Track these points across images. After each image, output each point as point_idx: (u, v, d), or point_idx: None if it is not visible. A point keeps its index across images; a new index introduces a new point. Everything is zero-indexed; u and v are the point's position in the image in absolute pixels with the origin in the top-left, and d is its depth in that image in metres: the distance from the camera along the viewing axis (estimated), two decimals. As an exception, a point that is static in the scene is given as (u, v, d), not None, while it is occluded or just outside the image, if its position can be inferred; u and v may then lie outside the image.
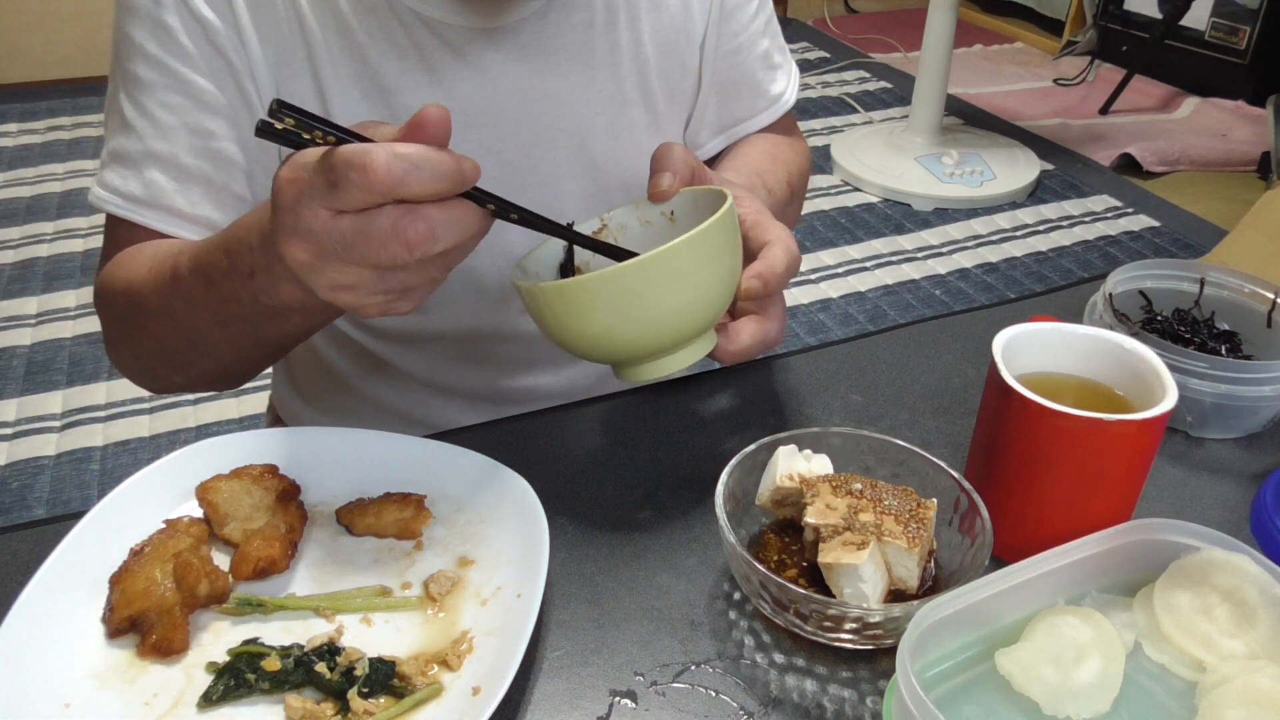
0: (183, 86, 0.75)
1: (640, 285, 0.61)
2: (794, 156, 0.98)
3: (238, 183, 0.78)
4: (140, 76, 0.75)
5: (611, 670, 0.59)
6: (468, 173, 0.53)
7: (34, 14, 3.50)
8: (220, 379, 0.80)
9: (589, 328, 0.63)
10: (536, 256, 0.72)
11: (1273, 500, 0.71)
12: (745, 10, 0.91)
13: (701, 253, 0.62)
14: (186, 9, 0.74)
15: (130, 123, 0.76)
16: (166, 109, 0.75)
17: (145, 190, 0.76)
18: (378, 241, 0.52)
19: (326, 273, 0.55)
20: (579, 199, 0.88)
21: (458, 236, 0.54)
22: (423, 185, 0.51)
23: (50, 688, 0.56)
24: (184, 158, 0.76)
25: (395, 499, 0.67)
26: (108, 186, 0.77)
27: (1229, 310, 0.86)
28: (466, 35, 0.79)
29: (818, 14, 4.56)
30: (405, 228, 0.51)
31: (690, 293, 0.63)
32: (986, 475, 0.66)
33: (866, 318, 2.46)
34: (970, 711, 0.54)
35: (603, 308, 0.62)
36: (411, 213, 0.52)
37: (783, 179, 0.92)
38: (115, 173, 0.77)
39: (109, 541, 0.63)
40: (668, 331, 0.65)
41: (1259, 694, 0.52)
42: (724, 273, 0.65)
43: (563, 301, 0.63)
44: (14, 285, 2.48)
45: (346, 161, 0.50)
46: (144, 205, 0.77)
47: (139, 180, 0.76)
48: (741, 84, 0.94)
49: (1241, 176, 3.16)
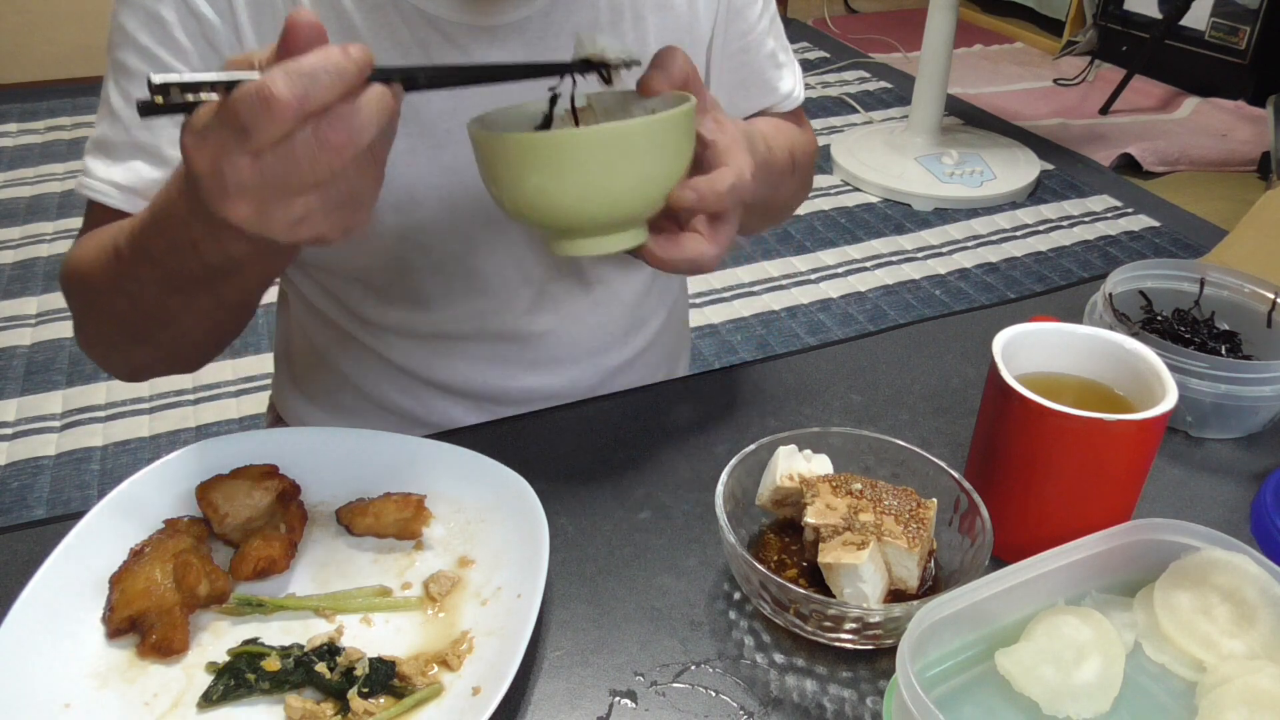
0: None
1: (574, 154, 0.62)
2: (800, 136, 0.98)
3: None
4: (130, 66, 0.76)
5: (611, 670, 0.59)
6: (360, 59, 0.52)
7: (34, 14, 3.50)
8: (189, 352, 0.80)
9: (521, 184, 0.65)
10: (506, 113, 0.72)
11: (1273, 500, 0.71)
12: (752, 9, 0.91)
13: (645, 140, 0.63)
14: (184, 4, 0.74)
15: (117, 111, 0.77)
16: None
17: (127, 178, 0.77)
18: (307, 162, 0.51)
19: (275, 216, 0.54)
20: None
21: (378, 122, 0.53)
22: (328, 90, 0.50)
23: (50, 688, 0.56)
24: (166, 149, 0.77)
25: (395, 499, 0.67)
26: (91, 173, 0.78)
27: (1229, 310, 0.86)
28: (471, 33, 0.79)
29: (818, 14, 4.56)
30: (327, 135, 0.51)
31: (625, 178, 0.64)
32: (986, 475, 0.66)
33: (866, 318, 2.46)
34: (970, 711, 0.54)
35: (537, 168, 0.63)
36: (325, 118, 0.51)
37: (784, 146, 0.91)
38: (99, 160, 0.78)
39: (109, 541, 0.63)
40: (597, 210, 0.66)
41: (1259, 694, 0.52)
42: (663, 169, 0.65)
43: (503, 153, 0.64)
44: (14, 285, 2.48)
45: (248, 102, 0.49)
46: (125, 192, 0.77)
47: (122, 168, 0.77)
48: (751, 83, 0.94)
49: (1241, 176, 3.16)
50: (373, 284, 0.88)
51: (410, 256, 0.84)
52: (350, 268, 0.87)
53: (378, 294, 0.89)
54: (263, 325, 2.32)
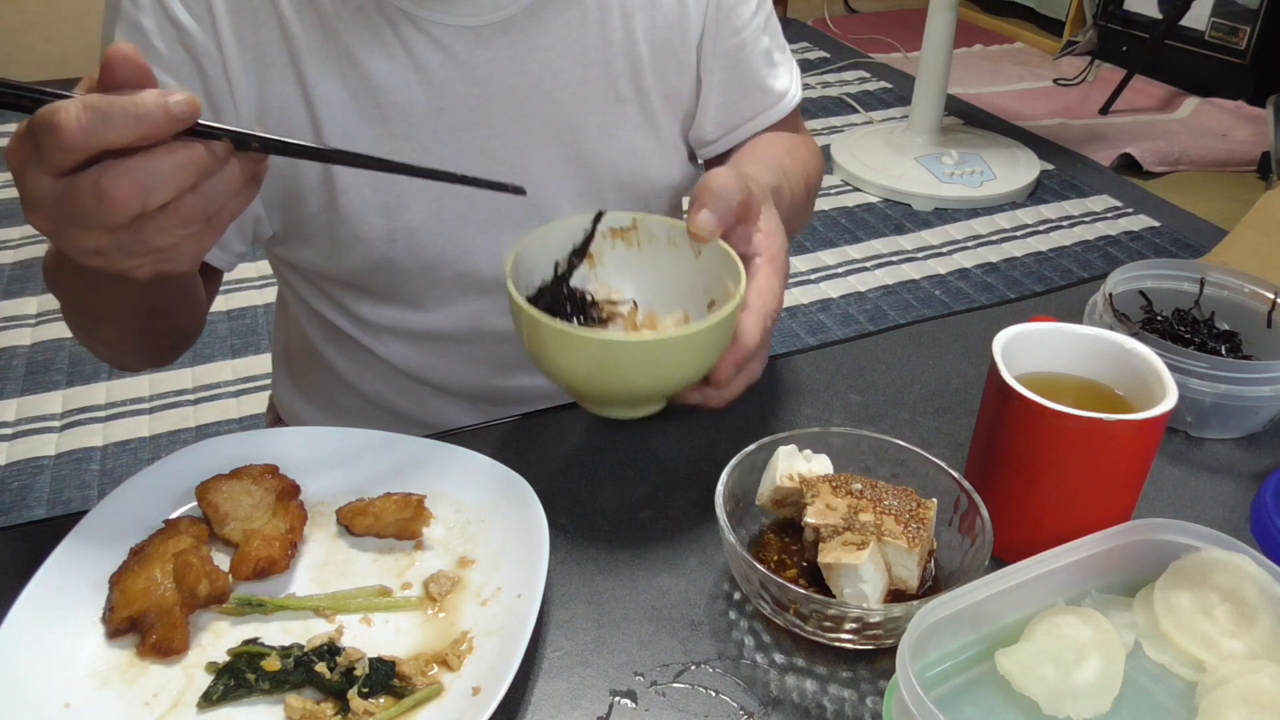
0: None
1: (609, 356, 0.63)
2: (810, 156, 0.98)
3: None
4: None
5: (611, 670, 0.59)
6: (176, 110, 0.48)
7: (34, 14, 3.50)
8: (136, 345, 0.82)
9: (560, 369, 0.65)
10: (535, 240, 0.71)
11: (1273, 500, 0.71)
12: (745, 6, 0.91)
13: (682, 348, 0.64)
14: (163, 11, 0.74)
15: None
16: None
17: None
18: (85, 204, 0.48)
19: (68, 239, 0.52)
20: (572, 198, 0.88)
21: (177, 184, 0.49)
22: (118, 134, 0.47)
23: (50, 688, 0.55)
24: None
25: (395, 499, 0.67)
26: None
27: (1229, 310, 0.86)
28: (455, 33, 0.79)
29: (818, 14, 4.56)
30: (106, 186, 0.48)
31: (657, 377, 0.65)
32: (986, 475, 0.66)
33: (866, 318, 2.46)
34: (970, 711, 0.54)
35: (577, 360, 0.64)
36: (114, 168, 0.48)
37: (800, 178, 0.91)
38: None
39: (109, 541, 0.63)
40: (625, 395, 0.68)
41: (1259, 694, 0.52)
42: (697, 366, 0.66)
43: (542, 336, 0.64)
44: (14, 285, 2.48)
45: (42, 123, 0.47)
46: None
47: None
48: (746, 81, 0.93)
49: (1241, 176, 3.16)
50: (367, 286, 0.88)
51: (401, 259, 0.84)
52: (342, 270, 0.87)
53: (372, 295, 0.89)
54: (262, 325, 2.32)
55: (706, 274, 0.73)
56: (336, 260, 0.85)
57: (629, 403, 0.69)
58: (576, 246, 0.74)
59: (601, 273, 0.75)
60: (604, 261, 0.75)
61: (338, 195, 0.81)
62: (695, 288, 0.74)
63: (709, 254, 0.72)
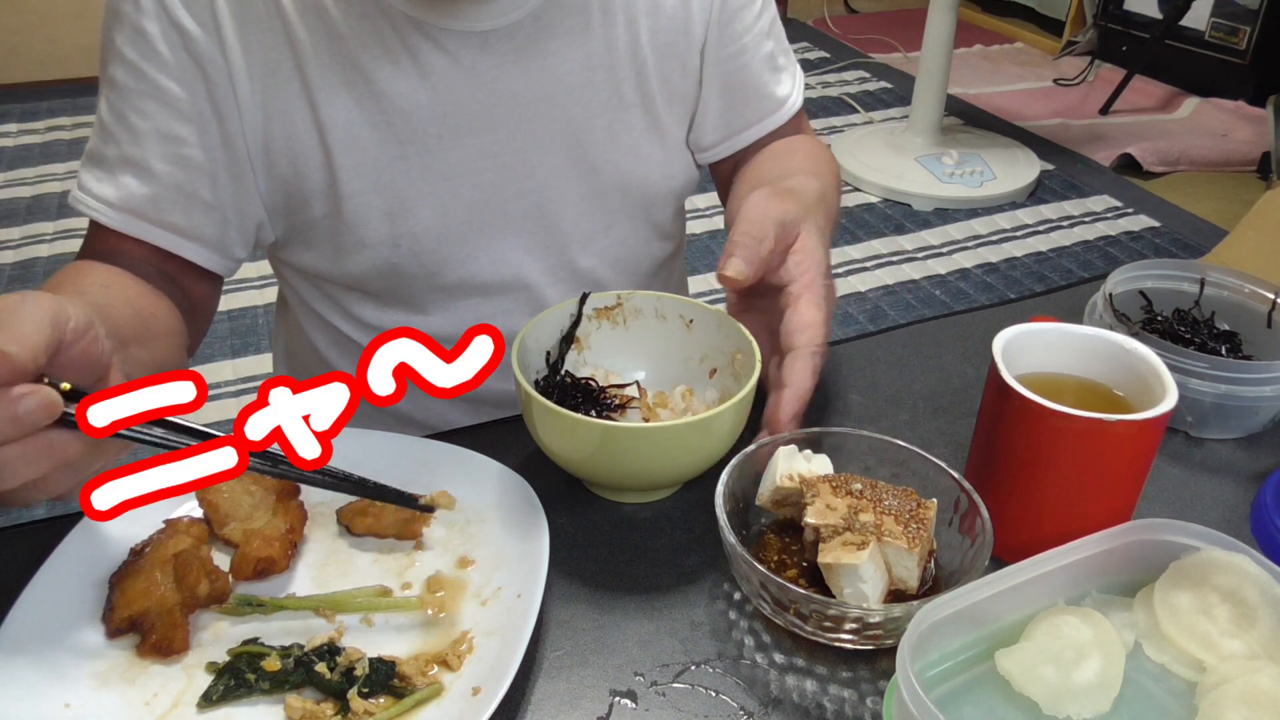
0: (157, 93, 0.76)
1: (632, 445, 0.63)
2: (832, 161, 0.97)
3: (205, 189, 0.79)
4: (118, 81, 0.76)
5: (611, 670, 0.59)
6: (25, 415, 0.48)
7: (34, 14, 3.50)
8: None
9: (572, 452, 0.66)
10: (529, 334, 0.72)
11: (1273, 500, 0.71)
12: (749, 11, 0.91)
13: (692, 435, 0.64)
14: (167, 16, 0.74)
15: (108, 127, 0.77)
16: (141, 115, 0.76)
17: (119, 196, 0.77)
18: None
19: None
20: (576, 202, 0.88)
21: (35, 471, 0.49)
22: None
23: (50, 688, 0.55)
24: (155, 164, 0.77)
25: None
26: (85, 188, 0.78)
27: (1229, 310, 0.86)
28: (460, 39, 0.79)
29: (818, 14, 4.56)
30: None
31: (667, 463, 0.66)
32: (986, 475, 0.66)
33: (866, 318, 2.46)
34: (970, 711, 0.54)
35: (586, 446, 0.65)
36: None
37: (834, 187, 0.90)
38: (92, 175, 0.78)
39: (109, 541, 0.63)
40: (634, 482, 0.69)
41: (1259, 694, 0.52)
42: (710, 450, 0.67)
43: (554, 423, 0.64)
44: (14, 285, 2.48)
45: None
46: (119, 211, 0.77)
47: (113, 184, 0.77)
48: (747, 86, 0.93)
49: (1241, 176, 3.16)
50: (369, 290, 0.88)
51: (405, 263, 0.84)
52: (346, 274, 0.87)
53: (375, 299, 0.89)
54: (262, 325, 2.32)
55: (703, 343, 0.74)
56: (340, 264, 0.85)
57: (640, 486, 0.70)
58: (565, 333, 0.74)
59: (591, 356, 0.76)
60: (591, 345, 0.76)
61: (342, 201, 0.81)
62: (691, 358, 0.75)
63: (702, 321, 0.72)
